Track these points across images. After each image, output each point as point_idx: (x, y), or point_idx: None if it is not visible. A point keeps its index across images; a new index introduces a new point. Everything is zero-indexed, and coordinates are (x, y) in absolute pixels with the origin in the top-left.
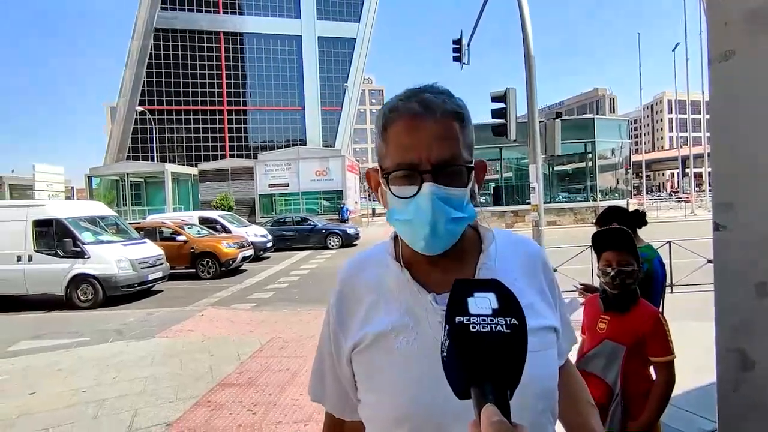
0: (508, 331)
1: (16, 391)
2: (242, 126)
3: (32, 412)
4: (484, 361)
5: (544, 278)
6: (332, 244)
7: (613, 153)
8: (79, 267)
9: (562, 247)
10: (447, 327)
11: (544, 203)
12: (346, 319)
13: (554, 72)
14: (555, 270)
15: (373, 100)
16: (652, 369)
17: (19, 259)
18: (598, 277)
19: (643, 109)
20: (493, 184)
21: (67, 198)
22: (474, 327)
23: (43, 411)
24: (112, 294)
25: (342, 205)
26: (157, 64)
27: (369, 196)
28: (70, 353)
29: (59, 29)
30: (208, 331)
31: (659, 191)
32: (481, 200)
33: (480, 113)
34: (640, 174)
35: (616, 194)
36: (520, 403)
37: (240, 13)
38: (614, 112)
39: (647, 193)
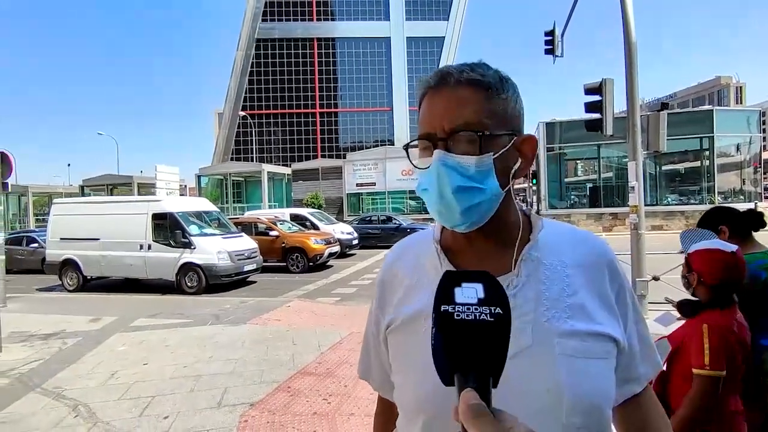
0: (492, 319)
1: (133, 360)
2: (333, 127)
3: (145, 380)
4: (466, 348)
5: (609, 283)
6: None
7: (738, 149)
8: (187, 256)
9: (668, 254)
10: (434, 315)
11: (650, 205)
12: (385, 300)
13: (665, 61)
14: (657, 278)
15: None
16: None
17: (141, 247)
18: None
19: None
20: (590, 185)
21: (181, 195)
22: (458, 315)
23: (154, 380)
24: (213, 282)
25: None
26: (258, 72)
27: None
28: (177, 332)
29: (173, 46)
30: (294, 321)
31: None
32: (578, 201)
33: (576, 108)
34: None
35: (741, 196)
36: (550, 411)
37: (332, 19)
38: (741, 103)
39: None
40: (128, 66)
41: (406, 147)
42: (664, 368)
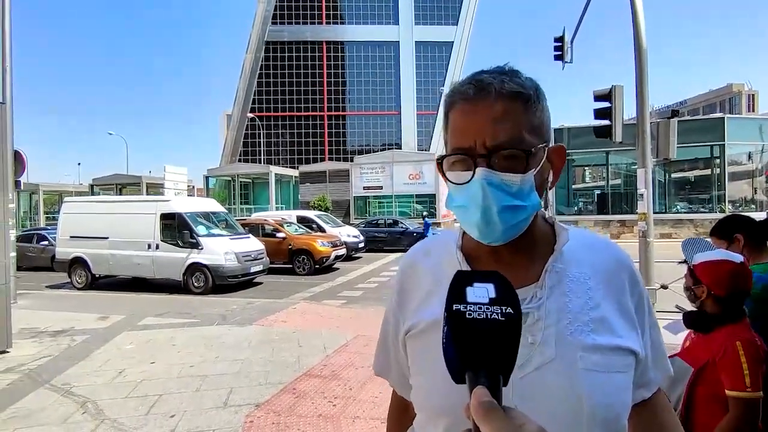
0: (503, 319)
1: (141, 359)
2: (341, 130)
3: (151, 378)
4: (477, 347)
5: (630, 293)
6: None
7: (749, 158)
8: (194, 257)
9: (675, 262)
10: (445, 314)
11: (659, 213)
12: (404, 302)
13: (675, 68)
14: (665, 287)
15: None
16: None
17: (149, 246)
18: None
19: None
20: (598, 191)
21: (189, 195)
22: (470, 314)
23: (160, 378)
24: (220, 283)
25: (424, 218)
26: (267, 74)
27: None
28: (184, 332)
29: (183, 48)
30: (300, 323)
31: None
32: (585, 207)
33: (584, 114)
34: None
35: (753, 206)
36: (572, 423)
37: (341, 23)
38: (753, 111)
39: None
40: (139, 67)
41: (441, 159)
42: (685, 392)
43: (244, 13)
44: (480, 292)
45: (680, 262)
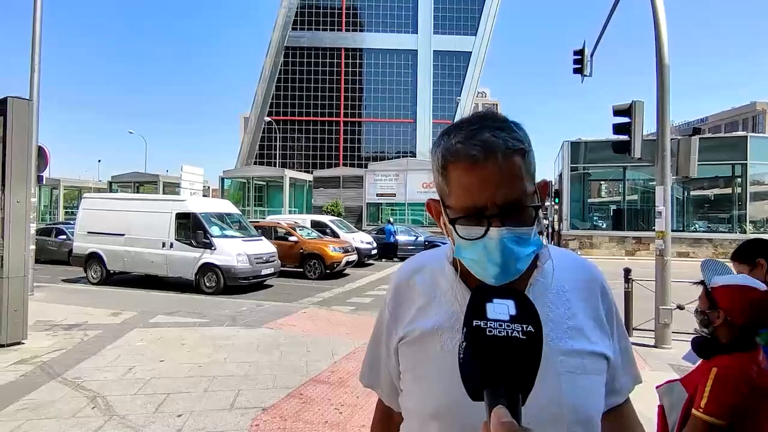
0: (524, 337)
1: (150, 356)
2: (356, 137)
3: (160, 377)
4: (497, 364)
5: (601, 305)
6: None
7: None
8: (207, 257)
9: (691, 282)
10: (465, 329)
11: (677, 231)
12: (400, 312)
13: (697, 84)
14: (681, 308)
15: None
16: None
17: (163, 245)
18: (694, 314)
19: None
20: (614, 207)
21: (204, 196)
22: (490, 331)
23: (170, 377)
24: (231, 284)
25: (389, 223)
26: (285, 79)
27: None
28: (194, 331)
29: (206, 50)
30: (309, 328)
31: None
32: (600, 224)
33: (602, 128)
34: None
35: None
36: (555, 423)
37: (361, 30)
38: None
39: None
40: (162, 69)
41: (454, 222)
42: (680, 416)
43: (265, 18)
44: (500, 309)
45: (696, 283)
